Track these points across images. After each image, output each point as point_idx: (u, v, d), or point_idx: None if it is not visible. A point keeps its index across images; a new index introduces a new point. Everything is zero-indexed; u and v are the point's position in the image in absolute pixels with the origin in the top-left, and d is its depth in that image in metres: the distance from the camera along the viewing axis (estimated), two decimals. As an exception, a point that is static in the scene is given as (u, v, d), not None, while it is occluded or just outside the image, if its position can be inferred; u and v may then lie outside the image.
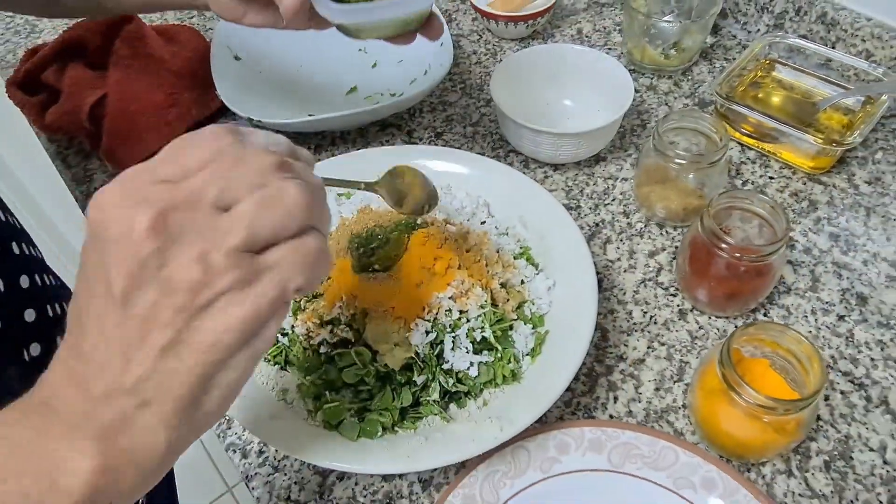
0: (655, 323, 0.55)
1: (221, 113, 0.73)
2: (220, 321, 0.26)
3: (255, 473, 0.48)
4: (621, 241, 0.61)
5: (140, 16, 0.73)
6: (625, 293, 0.57)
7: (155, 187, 0.26)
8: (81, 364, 0.27)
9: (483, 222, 0.55)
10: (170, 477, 0.74)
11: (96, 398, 0.27)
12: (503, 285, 0.49)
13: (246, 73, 0.72)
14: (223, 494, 1.58)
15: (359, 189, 0.43)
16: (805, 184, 0.64)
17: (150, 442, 0.27)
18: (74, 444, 0.26)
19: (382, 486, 0.47)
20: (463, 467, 0.46)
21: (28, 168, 1.29)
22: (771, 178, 0.65)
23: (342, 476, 0.48)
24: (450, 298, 0.46)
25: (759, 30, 0.78)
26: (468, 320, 0.45)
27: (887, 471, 0.46)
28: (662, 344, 0.54)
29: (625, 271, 0.59)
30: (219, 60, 0.70)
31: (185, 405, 0.27)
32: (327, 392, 0.45)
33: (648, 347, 0.54)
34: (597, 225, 0.62)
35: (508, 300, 0.49)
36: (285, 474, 0.48)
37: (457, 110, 0.73)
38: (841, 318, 0.54)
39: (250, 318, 0.26)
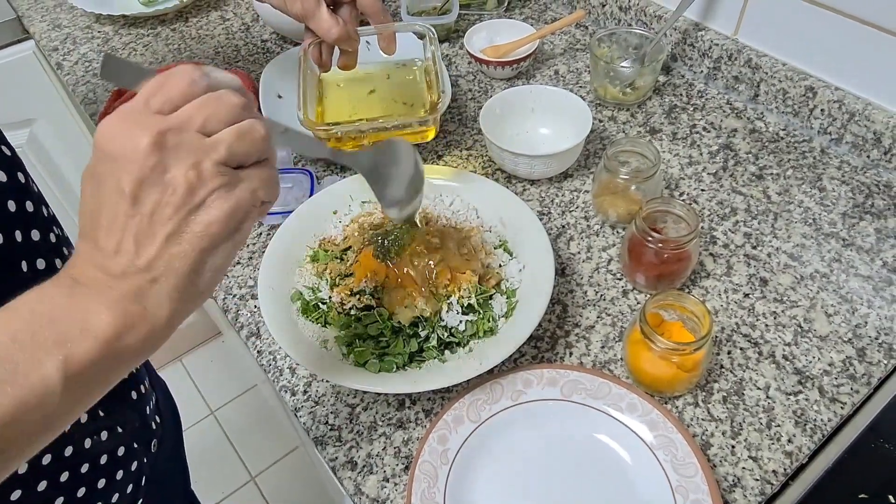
0: (604, 300, 0.72)
1: (266, 139, 0.91)
2: (212, 215, 0.34)
3: (301, 406, 0.65)
4: (581, 238, 0.78)
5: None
6: (582, 278, 0.74)
7: (151, 117, 0.34)
8: (99, 253, 0.34)
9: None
10: (183, 465, 0.84)
11: (115, 276, 0.34)
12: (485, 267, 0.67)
13: (286, 107, 0.90)
14: (246, 483, 1.74)
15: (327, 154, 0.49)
16: (729, 194, 0.81)
17: (159, 309, 0.34)
18: (101, 304, 0.33)
19: (396, 414, 0.64)
20: (454, 396, 0.62)
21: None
22: (703, 190, 0.82)
23: (367, 406, 0.65)
24: (445, 274, 0.63)
25: (702, 71, 0.96)
26: (459, 290, 0.63)
27: (768, 403, 0.63)
28: (609, 315, 0.71)
29: (583, 262, 0.76)
30: (266, 98, 0.88)
31: (185, 283, 0.34)
32: (356, 341, 0.62)
33: (598, 317, 0.70)
34: (563, 227, 0.79)
35: (489, 278, 0.66)
36: (323, 406, 0.65)
37: (455, 137, 0.91)
38: (746, 295, 0.71)
39: (231, 213, 0.35)
